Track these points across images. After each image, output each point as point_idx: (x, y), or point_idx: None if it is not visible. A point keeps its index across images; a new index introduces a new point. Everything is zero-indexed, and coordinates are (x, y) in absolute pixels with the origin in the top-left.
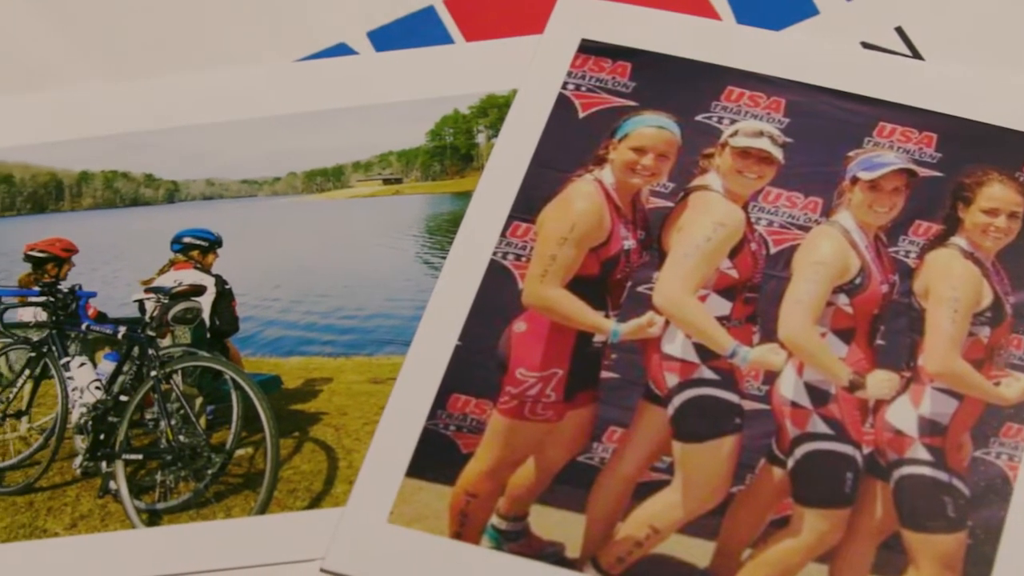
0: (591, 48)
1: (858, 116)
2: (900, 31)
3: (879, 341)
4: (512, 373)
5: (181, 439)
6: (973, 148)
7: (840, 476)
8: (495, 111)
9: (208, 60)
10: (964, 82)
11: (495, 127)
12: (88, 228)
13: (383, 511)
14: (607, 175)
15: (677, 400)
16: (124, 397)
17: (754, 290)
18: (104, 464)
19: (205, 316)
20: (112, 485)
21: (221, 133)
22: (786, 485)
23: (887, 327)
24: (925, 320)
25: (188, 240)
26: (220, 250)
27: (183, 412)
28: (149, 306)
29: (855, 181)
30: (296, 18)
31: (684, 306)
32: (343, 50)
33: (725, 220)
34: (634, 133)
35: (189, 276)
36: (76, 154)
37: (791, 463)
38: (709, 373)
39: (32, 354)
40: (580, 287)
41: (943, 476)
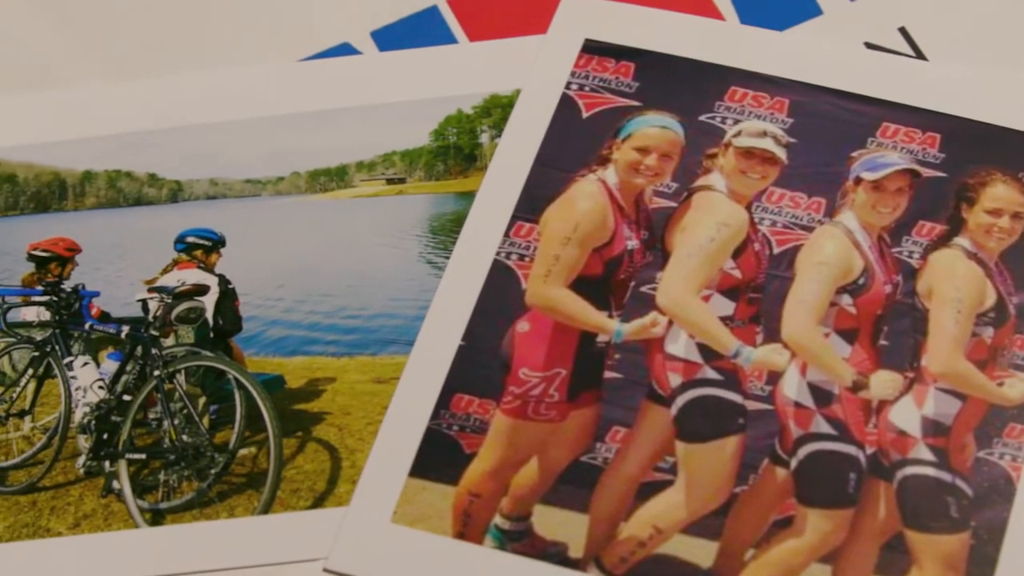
0: (595, 48)
1: (862, 116)
2: (904, 31)
3: (882, 341)
4: (515, 373)
5: (184, 439)
6: (977, 148)
7: (843, 476)
8: (499, 111)
9: (212, 60)
10: (968, 82)
11: (499, 127)
12: (91, 227)
13: (386, 511)
14: (611, 175)
15: (680, 400)
16: (127, 396)
17: (757, 290)
18: (107, 464)
19: (208, 316)
20: (115, 485)
21: (225, 133)
22: (789, 485)
23: (890, 327)
24: (928, 320)
25: (191, 240)
26: (223, 250)
27: (186, 412)
28: (152, 305)
29: (859, 181)
30: (300, 18)
31: (687, 306)
32: (347, 50)
33: (729, 220)
34: (638, 133)
35: (192, 276)
36: (80, 154)
37: (794, 463)
38: (712, 373)
39: (35, 353)
40: (583, 287)
41: (946, 476)
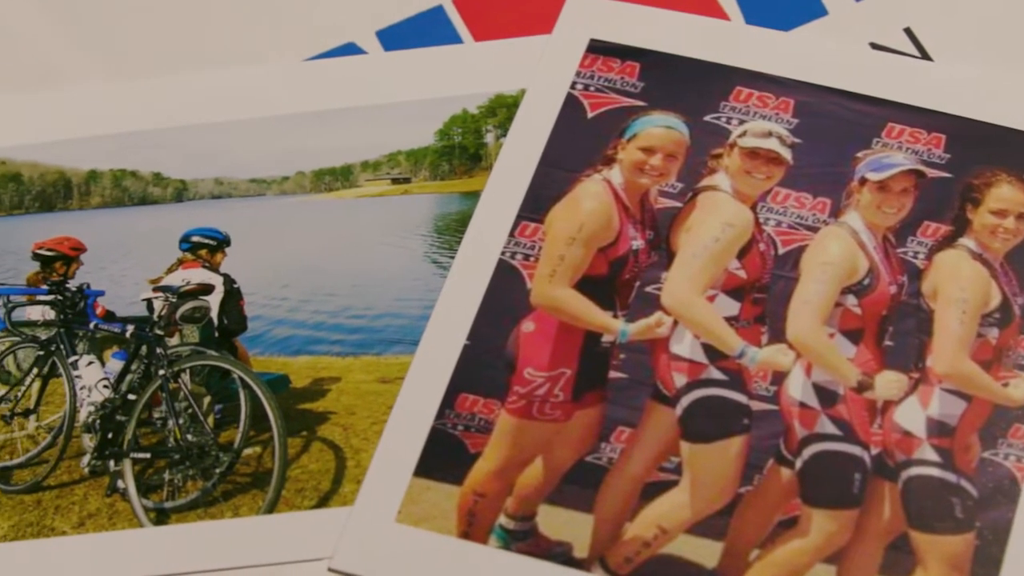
0: (600, 48)
1: (867, 117)
2: (909, 32)
3: (887, 342)
4: (520, 373)
5: (189, 438)
6: (982, 149)
7: (848, 477)
8: (504, 111)
9: (217, 59)
10: (973, 83)
11: (504, 127)
12: (96, 227)
13: (391, 510)
14: (616, 175)
15: (685, 400)
16: (132, 396)
17: (762, 291)
18: (112, 463)
19: (213, 315)
20: (120, 484)
21: (230, 132)
22: (794, 486)
23: (895, 328)
24: (933, 321)
25: (196, 239)
26: (228, 249)
27: (191, 411)
28: (157, 305)
29: (864, 182)
30: (305, 17)
31: (692, 306)
32: (352, 49)
33: (733, 220)
34: (643, 133)
35: (197, 275)
36: (85, 153)
37: (799, 464)
38: (717, 373)
39: (40, 352)
40: (588, 287)
41: (951, 477)
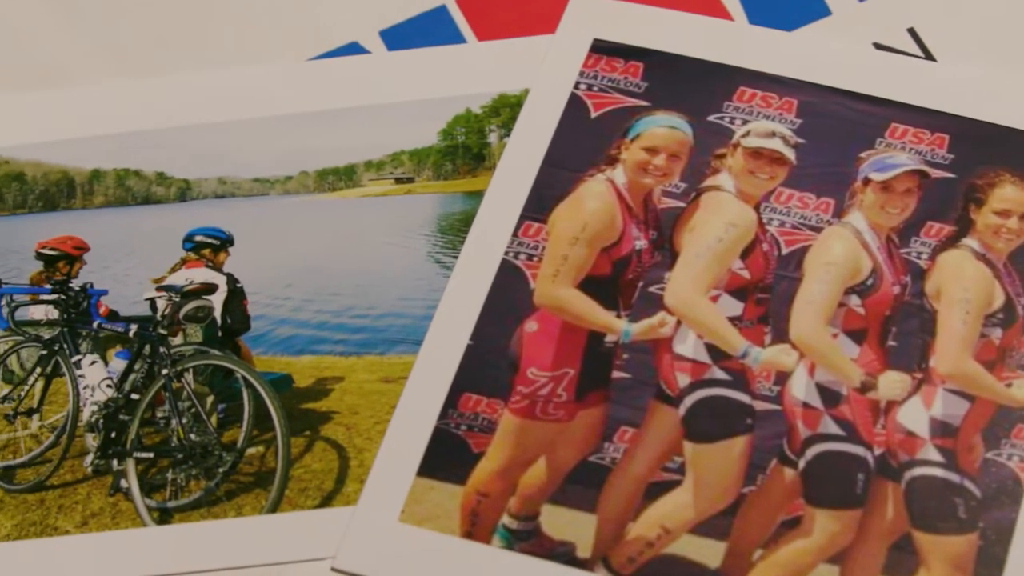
0: (603, 48)
1: (870, 117)
2: (912, 32)
3: (891, 342)
4: (524, 373)
5: (192, 437)
6: (985, 149)
7: (851, 477)
8: (507, 111)
9: (220, 59)
10: (976, 83)
11: (507, 127)
12: (100, 226)
13: (394, 510)
14: (619, 175)
15: (688, 400)
16: (135, 395)
17: (766, 291)
18: (115, 462)
19: (217, 314)
20: (123, 483)
21: (233, 132)
22: (797, 486)
23: (899, 328)
24: (937, 321)
25: (200, 238)
26: (232, 248)
27: (194, 410)
28: (161, 304)
29: (867, 182)
30: (308, 17)
31: (696, 306)
32: (355, 49)
33: (737, 220)
34: (646, 133)
35: (201, 274)
36: (88, 152)
37: (802, 464)
38: (721, 373)
39: (43, 352)
40: (592, 287)
41: (954, 477)
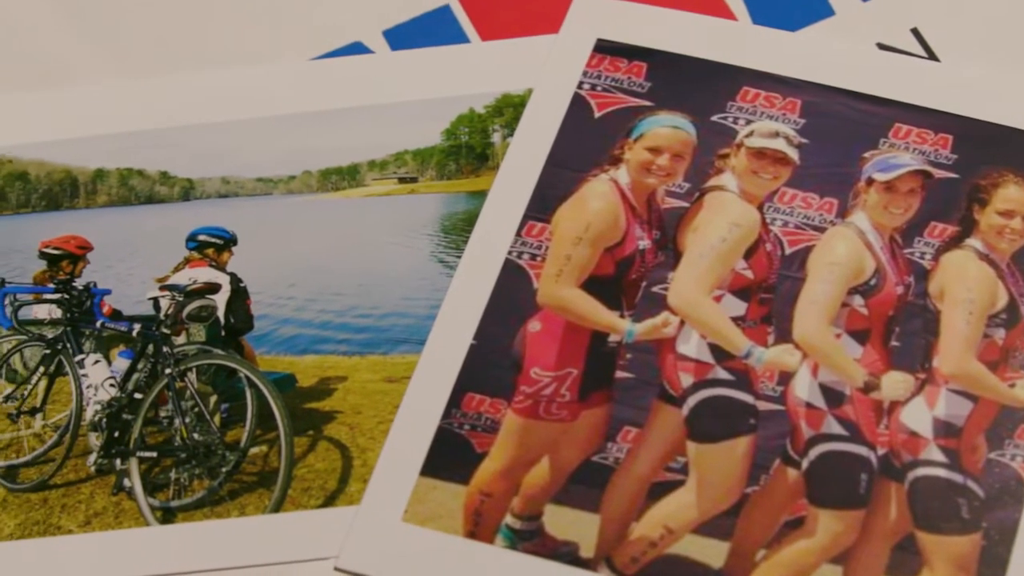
0: (607, 48)
1: (874, 117)
2: (916, 32)
3: (894, 342)
4: (527, 372)
5: (195, 437)
6: (989, 149)
7: (855, 477)
8: (510, 110)
9: (223, 58)
10: (980, 83)
11: (510, 126)
12: (103, 225)
13: (397, 510)
14: (622, 175)
15: (692, 400)
16: (139, 395)
17: (769, 291)
18: (118, 461)
19: (220, 314)
20: (126, 482)
21: (236, 131)
22: (800, 486)
23: (902, 328)
24: (940, 322)
25: (203, 238)
26: (235, 248)
27: (197, 410)
28: (164, 304)
29: (870, 182)
30: (312, 17)
31: (699, 306)
32: (358, 49)
33: (740, 220)
34: (649, 133)
35: (204, 274)
36: (91, 151)
37: (806, 464)
38: (724, 373)
39: (47, 351)
40: (595, 287)
41: (958, 478)
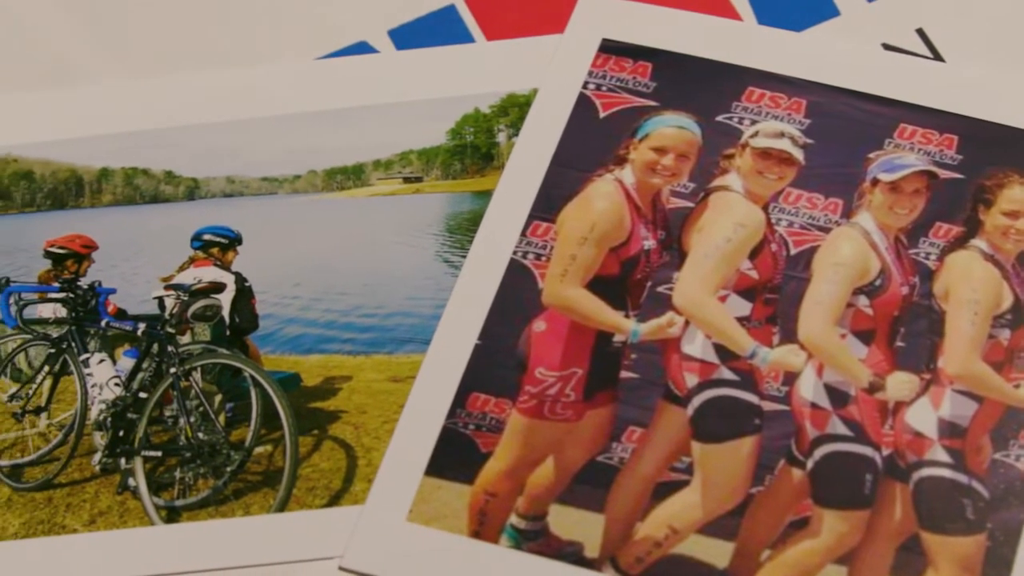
0: (612, 48)
1: (879, 117)
2: (921, 33)
3: (899, 343)
4: (532, 372)
5: (200, 436)
6: (994, 150)
7: (859, 478)
8: (516, 110)
9: (229, 58)
10: (985, 84)
11: (516, 126)
12: (108, 225)
13: (402, 510)
14: (627, 175)
15: (697, 400)
16: (143, 394)
17: (774, 291)
18: (123, 461)
19: (225, 313)
20: (131, 482)
21: (242, 131)
22: (805, 486)
23: (907, 329)
24: (945, 322)
25: (208, 237)
26: (240, 247)
27: (202, 409)
28: (169, 303)
29: (876, 183)
30: (317, 16)
31: (704, 306)
32: (364, 48)
33: (745, 221)
34: (655, 133)
35: (209, 273)
36: (96, 150)
37: (810, 464)
38: (729, 374)
39: (52, 350)
40: (600, 287)
41: (962, 478)
